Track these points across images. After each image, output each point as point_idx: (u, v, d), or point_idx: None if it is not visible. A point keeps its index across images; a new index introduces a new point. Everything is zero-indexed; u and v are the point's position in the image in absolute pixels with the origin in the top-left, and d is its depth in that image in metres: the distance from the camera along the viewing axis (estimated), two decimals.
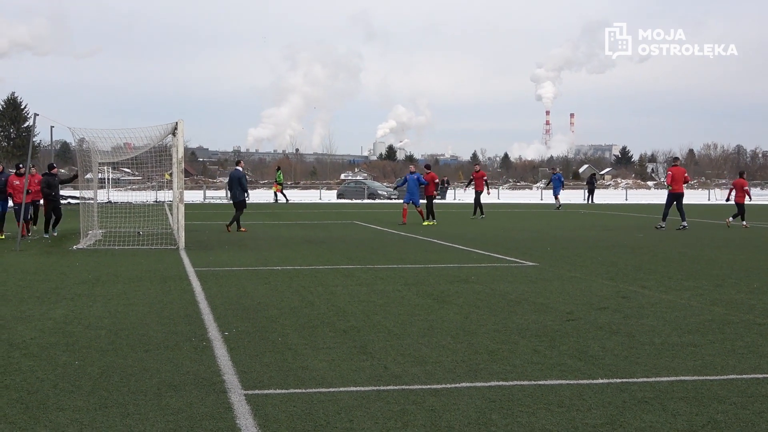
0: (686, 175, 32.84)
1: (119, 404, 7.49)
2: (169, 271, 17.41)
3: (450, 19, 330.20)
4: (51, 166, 27.91)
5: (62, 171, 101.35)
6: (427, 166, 36.74)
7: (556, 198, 53.64)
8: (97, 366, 8.94)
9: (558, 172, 57.74)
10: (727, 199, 36.33)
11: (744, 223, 34.01)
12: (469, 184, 42.99)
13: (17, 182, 25.31)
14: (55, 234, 26.75)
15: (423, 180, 34.50)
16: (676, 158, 36.48)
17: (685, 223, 32.03)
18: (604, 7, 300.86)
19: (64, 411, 7.30)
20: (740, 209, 33.79)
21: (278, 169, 71.13)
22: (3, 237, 25.45)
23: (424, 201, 35.05)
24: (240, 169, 31.03)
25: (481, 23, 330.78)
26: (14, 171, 26.29)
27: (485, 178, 39.22)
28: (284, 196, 64.38)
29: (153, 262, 19.18)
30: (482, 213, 39.20)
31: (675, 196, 32.21)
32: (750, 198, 36.20)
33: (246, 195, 30.50)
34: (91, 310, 12.49)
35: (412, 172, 34.94)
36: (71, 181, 30.83)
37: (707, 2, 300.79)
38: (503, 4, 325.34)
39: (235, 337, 10.40)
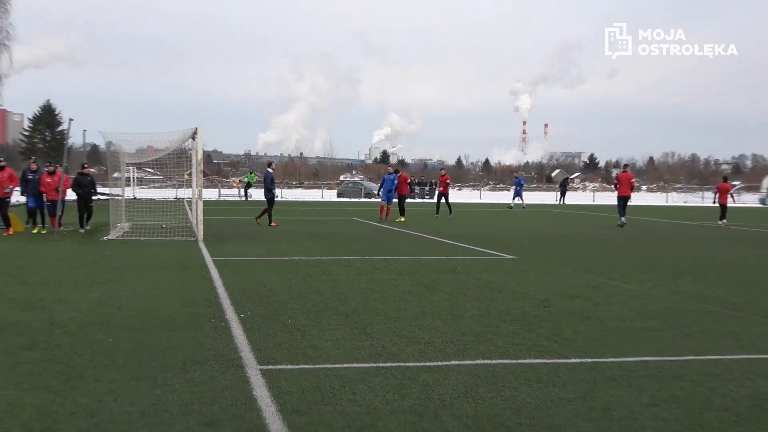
0: (633, 180, 33.00)
1: (149, 377, 7.54)
2: (190, 260, 17.42)
3: (439, 38, 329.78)
4: (83, 166, 27.52)
5: (92, 170, 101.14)
6: (396, 171, 35.47)
7: (514, 199, 54.72)
8: (128, 343, 8.98)
9: (519, 176, 58.36)
10: (714, 202, 36.71)
11: (723, 221, 34.53)
12: (434, 186, 43.06)
13: (48, 180, 25.05)
14: (88, 228, 26.15)
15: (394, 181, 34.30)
16: (626, 165, 36.56)
17: (624, 220, 32.24)
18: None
19: (101, 382, 7.35)
20: (723, 210, 34.53)
21: (251, 171, 71.58)
22: (44, 231, 25.22)
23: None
24: (270, 171, 30.82)
25: (467, 41, 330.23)
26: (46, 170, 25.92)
27: (448, 181, 38.99)
28: (245, 194, 64.46)
29: (175, 252, 19.20)
30: (450, 211, 38.66)
31: (622, 198, 32.59)
32: (734, 200, 36.92)
33: (272, 194, 30.29)
34: (121, 294, 12.52)
35: (389, 173, 34.69)
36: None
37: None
38: (487, 24, 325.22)
39: (250, 319, 10.44)
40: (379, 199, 36.09)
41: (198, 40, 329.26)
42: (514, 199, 54.53)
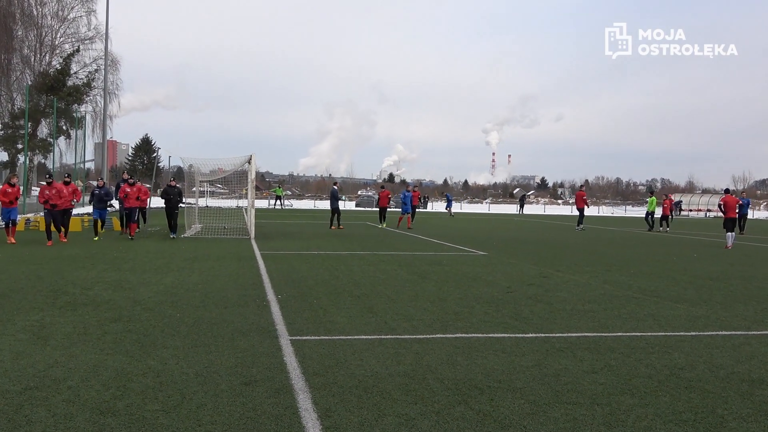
0: (585, 198, 32.76)
1: (205, 344, 7.20)
2: (244, 253, 17.10)
3: (433, 89, 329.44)
4: (171, 179, 25.08)
5: (178, 185, 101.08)
6: (382, 186, 34.22)
7: (448, 210, 55.37)
8: (191, 317, 8.65)
9: (448, 194, 59.71)
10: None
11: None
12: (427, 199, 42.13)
13: (128, 190, 23.49)
14: (173, 237, 21.86)
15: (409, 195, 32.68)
16: (581, 186, 36.37)
17: (581, 226, 31.95)
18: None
19: (167, 348, 7.02)
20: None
21: (279, 186, 70.76)
22: (136, 231, 23.53)
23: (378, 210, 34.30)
24: (335, 187, 30.41)
25: (454, 92, 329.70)
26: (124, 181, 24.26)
27: (419, 196, 38.27)
28: (281, 204, 62.67)
29: (233, 247, 18.86)
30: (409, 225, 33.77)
31: (579, 210, 32.38)
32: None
33: (336, 204, 29.67)
34: (190, 278, 12.21)
35: (408, 190, 33.47)
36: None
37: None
38: (467, 79, 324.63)
39: (285, 300, 10.10)
40: (388, 209, 35.50)
41: (256, 88, 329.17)
42: (447, 209, 55.87)
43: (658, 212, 38.75)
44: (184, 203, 25.47)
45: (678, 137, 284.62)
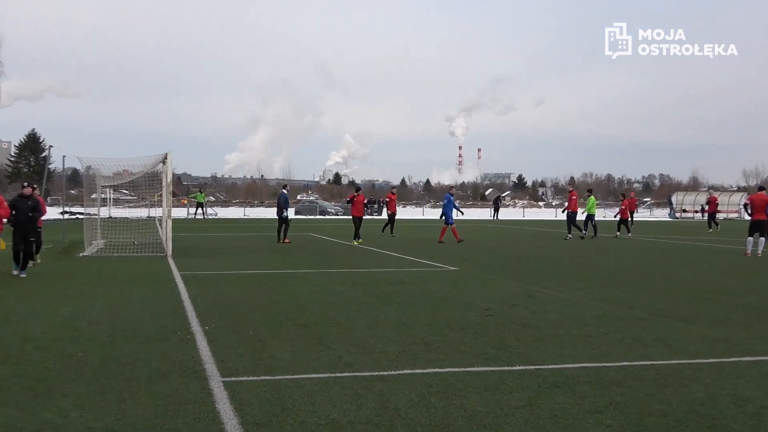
0: (573, 198, 33.17)
1: (116, 390, 7.00)
2: (159, 274, 16.83)
3: (389, 70, 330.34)
4: (24, 184, 17.68)
5: (72, 192, 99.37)
6: (357, 189, 31.43)
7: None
8: (97, 356, 8.41)
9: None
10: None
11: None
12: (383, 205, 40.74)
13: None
14: (18, 273, 16.68)
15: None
16: (569, 184, 36.83)
17: (570, 236, 32.38)
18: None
19: (68, 397, 6.80)
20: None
21: (200, 191, 69.14)
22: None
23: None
24: (285, 192, 29.74)
25: (412, 74, 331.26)
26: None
27: (382, 201, 37.49)
28: (203, 213, 61.98)
29: (145, 267, 18.54)
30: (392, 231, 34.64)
31: (569, 214, 32.98)
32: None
33: (285, 213, 29.19)
34: (93, 307, 11.93)
35: (450, 193, 31.03)
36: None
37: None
38: (430, 59, 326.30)
39: (214, 331, 9.92)
40: (334, 216, 34.88)
41: (169, 71, 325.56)
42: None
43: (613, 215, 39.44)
44: (76, 214, 24.56)
45: (679, 127, 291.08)
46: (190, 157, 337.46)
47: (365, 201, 31.55)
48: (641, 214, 79.01)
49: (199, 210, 61.30)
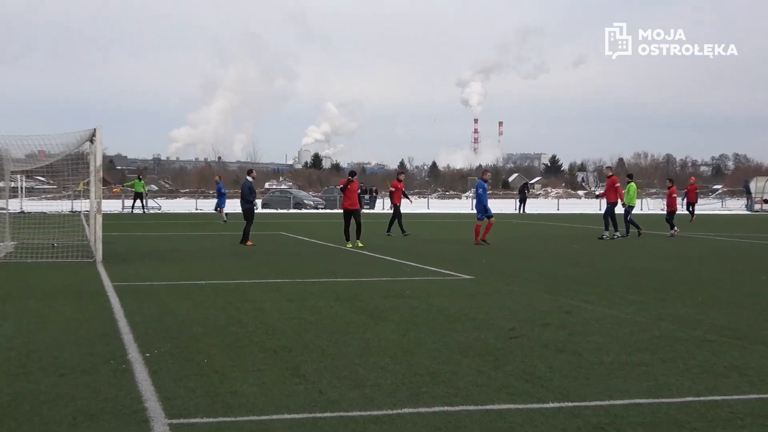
0: (617, 185, 32.83)
1: None
2: (86, 286, 16.85)
3: (384, 21, 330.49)
4: None
5: None
6: (351, 174, 30.25)
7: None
8: (5, 393, 8.41)
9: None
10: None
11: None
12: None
13: None
14: None
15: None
16: (608, 167, 36.71)
17: (606, 234, 32.31)
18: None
19: None
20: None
21: (139, 177, 67.79)
22: None
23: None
24: (249, 179, 30.00)
25: (414, 26, 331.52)
26: None
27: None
28: (143, 206, 61.93)
29: (68, 277, 18.59)
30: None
31: (608, 206, 32.91)
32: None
33: (251, 206, 29.34)
34: (0, 330, 11.93)
35: (483, 179, 30.69)
36: None
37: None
38: (437, 10, 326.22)
39: (157, 359, 9.93)
40: (312, 210, 34.68)
41: (98, 23, 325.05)
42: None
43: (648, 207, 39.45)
44: None
45: (763, 93, 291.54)
46: (126, 134, 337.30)
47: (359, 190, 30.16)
48: (708, 205, 79.30)
49: (138, 202, 61.34)
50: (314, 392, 8.46)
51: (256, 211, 30.27)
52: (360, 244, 27.75)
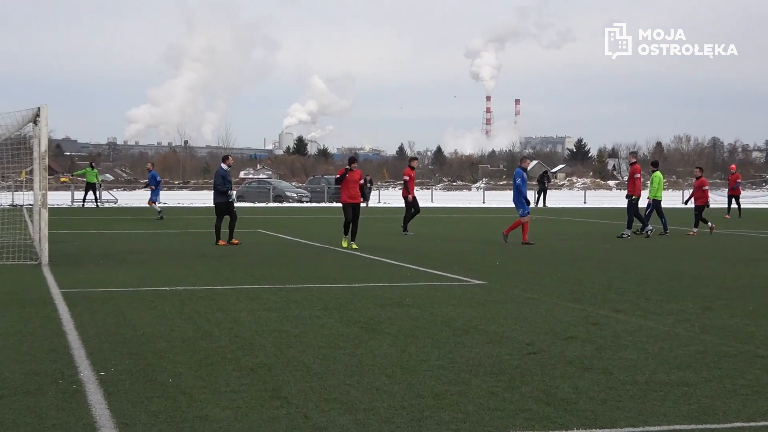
0: (638, 176, 32.98)
1: None
2: (29, 294, 16.88)
3: None
4: None
5: None
6: (351, 161, 29.79)
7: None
8: None
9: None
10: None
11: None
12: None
13: None
14: None
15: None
16: (632, 153, 36.82)
17: (626, 234, 32.51)
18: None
19: None
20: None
21: (92, 165, 66.86)
22: None
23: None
24: (224, 167, 29.16)
25: None
26: None
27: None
28: (96, 198, 61.52)
29: (8, 282, 18.62)
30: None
31: (630, 202, 33.21)
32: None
33: (231, 198, 28.62)
34: None
35: (522, 167, 30.66)
36: None
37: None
38: None
39: (114, 379, 9.96)
40: (296, 204, 34.66)
41: None
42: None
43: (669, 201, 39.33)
44: None
45: None
46: (76, 114, 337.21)
47: (363, 180, 29.40)
48: (757, 197, 79.22)
49: (90, 195, 61.26)
50: (298, 417, 8.49)
51: (236, 204, 29.82)
52: (354, 246, 27.48)
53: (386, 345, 12.02)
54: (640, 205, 32.96)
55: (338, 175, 29.32)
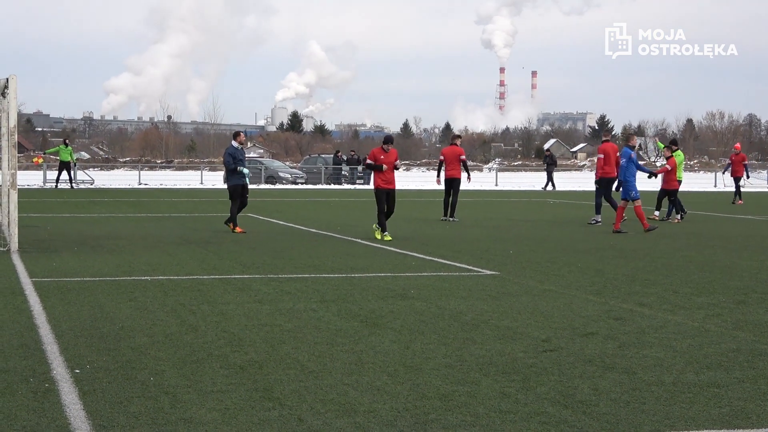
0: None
1: None
2: None
3: None
4: None
5: None
6: (387, 141, 27.37)
7: None
8: None
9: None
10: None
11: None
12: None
13: None
14: None
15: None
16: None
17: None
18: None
19: None
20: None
21: (66, 142, 66.50)
22: None
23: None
24: (235, 144, 28.76)
25: None
26: None
27: (463, 157, 34.71)
28: (71, 179, 61.57)
29: None
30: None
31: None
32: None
33: (244, 175, 28.22)
34: None
35: (629, 145, 31.18)
36: None
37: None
38: None
39: (90, 377, 9.99)
40: (290, 186, 34.76)
41: None
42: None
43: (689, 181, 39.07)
44: None
45: None
46: (48, 85, 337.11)
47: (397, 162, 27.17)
48: None
49: (64, 175, 61.26)
50: (292, 420, 8.51)
51: (249, 186, 29.01)
52: (388, 237, 26.08)
53: (388, 341, 12.04)
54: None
55: (370, 161, 27.06)
